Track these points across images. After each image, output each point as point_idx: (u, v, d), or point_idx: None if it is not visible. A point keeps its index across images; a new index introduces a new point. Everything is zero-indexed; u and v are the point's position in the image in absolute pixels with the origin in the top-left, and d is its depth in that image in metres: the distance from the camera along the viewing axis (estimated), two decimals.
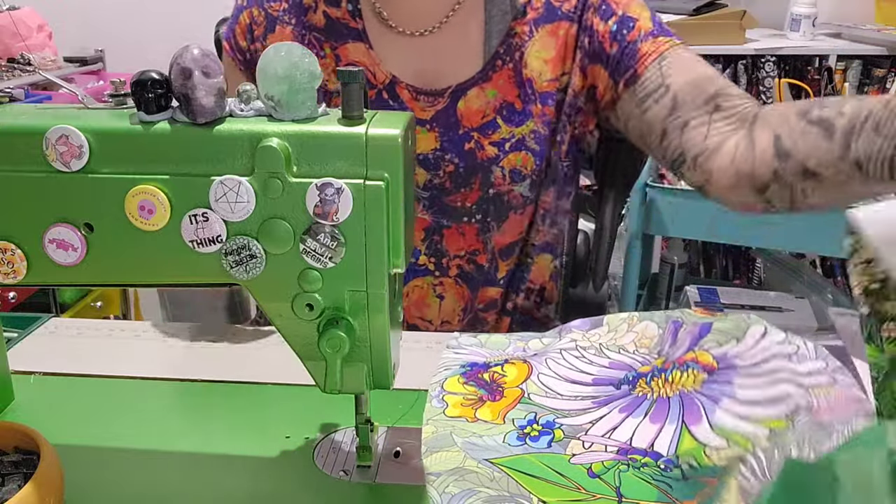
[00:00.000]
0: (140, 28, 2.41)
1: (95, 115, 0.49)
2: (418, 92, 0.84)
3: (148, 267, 0.50)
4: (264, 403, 0.67)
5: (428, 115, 0.84)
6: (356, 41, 0.84)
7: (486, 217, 0.86)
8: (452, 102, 0.83)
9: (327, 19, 0.85)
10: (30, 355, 0.74)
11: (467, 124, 0.83)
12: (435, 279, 0.87)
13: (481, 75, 0.83)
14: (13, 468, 0.52)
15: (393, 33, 0.84)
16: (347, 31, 0.85)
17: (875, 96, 0.60)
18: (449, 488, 0.51)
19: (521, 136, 0.83)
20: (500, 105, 0.83)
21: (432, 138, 0.84)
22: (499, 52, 0.83)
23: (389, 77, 0.84)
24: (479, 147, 0.83)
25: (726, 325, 0.67)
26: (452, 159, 0.83)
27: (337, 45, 0.85)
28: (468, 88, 0.83)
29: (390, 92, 0.84)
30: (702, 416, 0.59)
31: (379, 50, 0.84)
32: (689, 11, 1.98)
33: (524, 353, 0.72)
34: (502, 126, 0.83)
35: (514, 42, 0.83)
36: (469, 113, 0.83)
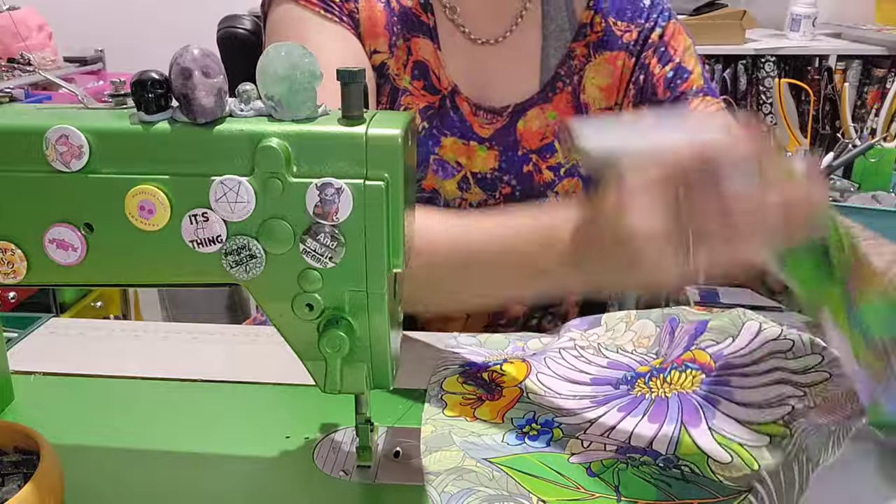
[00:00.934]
0: (140, 28, 2.41)
1: (95, 115, 0.49)
2: (478, 108, 0.81)
3: (148, 267, 0.50)
4: (264, 403, 0.67)
5: (487, 133, 0.81)
6: (426, 38, 0.80)
7: None
8: (512, 122, 0.81)
9: (400, 7, 0.80)
10: (30, 355, 0.74)
11: (527, 145, 0.81)
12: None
13: (541, 96, 0.81)
14: (13, 468, 0.52)
15: (459, 36, 0.81)
16: (419, 24, 0.80)
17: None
18: (448, 488, 0.52)
19: (575, 160, 0.81)
20: (560, 128, 0.81)
21: (491, 157, 0.81)
22: (559, 74, 0.81)
23: (452, 85, 0.80)
24: (538, 170, 0.81)
25: (722, 321, 0.67)
26: (510, 181, 0.81)
27: (410, 36, 0.79)
28: (528, 108, 0.81)
29: (451, 101, 0.81)
30: (701, 419, 0.59)
31: (445, 53, 0.80)
32: (689, 11, 1.98)
33: (523, 352, 0.72)
34: (559, 150, 0.81)
35: (573, 64, 0.81)
36: (529, 134, 0.81)
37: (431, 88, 0.80)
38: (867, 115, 2.00)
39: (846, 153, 1.45)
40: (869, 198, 1.38)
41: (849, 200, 1.39)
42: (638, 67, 0.83)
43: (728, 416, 0.58)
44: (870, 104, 2.01)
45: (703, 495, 0.52)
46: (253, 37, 1.20)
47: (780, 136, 1.33)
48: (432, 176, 0.79)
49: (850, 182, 1.46)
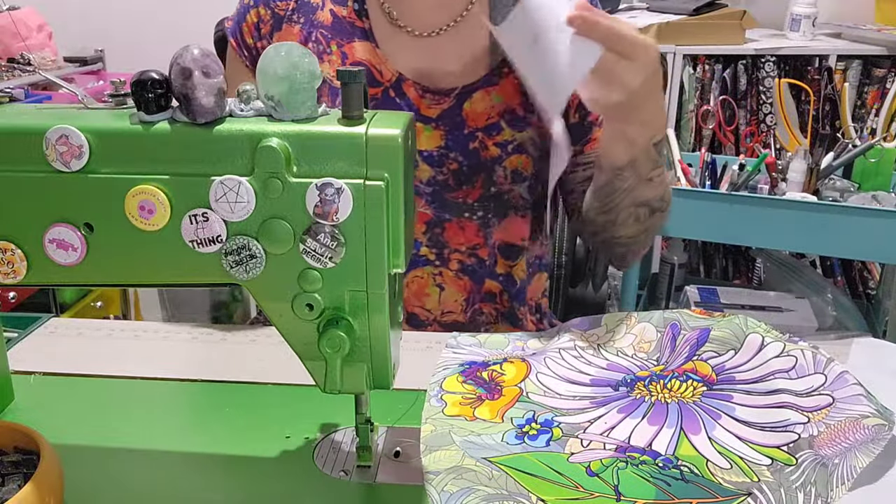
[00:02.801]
0: (140, 28, 2.41)
1: (95, 115, 0.49)
2: (425, 90, 0.85)
3: (148, 267, 0.50)
4: (264, 403, 0.67)
5: (434, 114, 0.85)
6: (362, 40, 0.86)
7: (487, 213, 0.87)
8: (458, 103, 0.85)
9: (334, 17, 0.86)
10: (30, 355, 0.74)
11: (472, 124, 0.85)
12: (435, 269, 0.88)
13: (487, 79, 0.85)
14: (13, 468, 0.52)
15: (401, 33, 0.86)
16: (353, 29, 0.86)
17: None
18: (448, 487, 0.52)
19: (523, 140, 0.85)
20: (505, 109, 0.85)
21: (437, 136, 0.85)
22: (507, 61, 0.84)
23: (396, 75, 0.85)
24: (483, 147, 0.84)
25: (724, 332, 0.67)
26: (457, 157, 0.85)
27: (343, 42, 0.86)
28: (474, 91, 0.85)
29: (397, 90, 0.85)
30: (701, 428, 0.59)
31: (385, 49, 0.85)
32: (689, 11, 1.98)
33: (523, 352, 0.72)
34: (506, 129, 0.85)
35: None
36: (474, 114, 0.85)
37: (372, 82, 0.85)
38: (867, 115, 2.00)
39: (846, 153, 1.45)
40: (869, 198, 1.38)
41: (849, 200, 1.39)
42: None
43: (729, 431, 0.59)
44: (870, 104, 2.01)
45: (702, 495, 0.52)
46: None
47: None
48: None
49: (850, 182, 1.46)
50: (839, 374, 0.60)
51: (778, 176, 1.44)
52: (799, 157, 1.43)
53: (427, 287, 0.88)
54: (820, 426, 0.57)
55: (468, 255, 0.88)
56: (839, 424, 0.56)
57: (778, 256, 1.76)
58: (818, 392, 0.60)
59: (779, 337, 0.65)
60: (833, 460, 0.53)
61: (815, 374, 0.61)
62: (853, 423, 0.56)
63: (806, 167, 1.41)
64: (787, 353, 0.63)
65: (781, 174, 1.45)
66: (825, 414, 0.58)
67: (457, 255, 0.88)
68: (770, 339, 0.64)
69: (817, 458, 0.54)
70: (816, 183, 1.42)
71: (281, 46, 0.47)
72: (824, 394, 0.59)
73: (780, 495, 0.52)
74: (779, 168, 1.44)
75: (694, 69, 1.99)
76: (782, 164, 1.46)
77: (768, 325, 0.66)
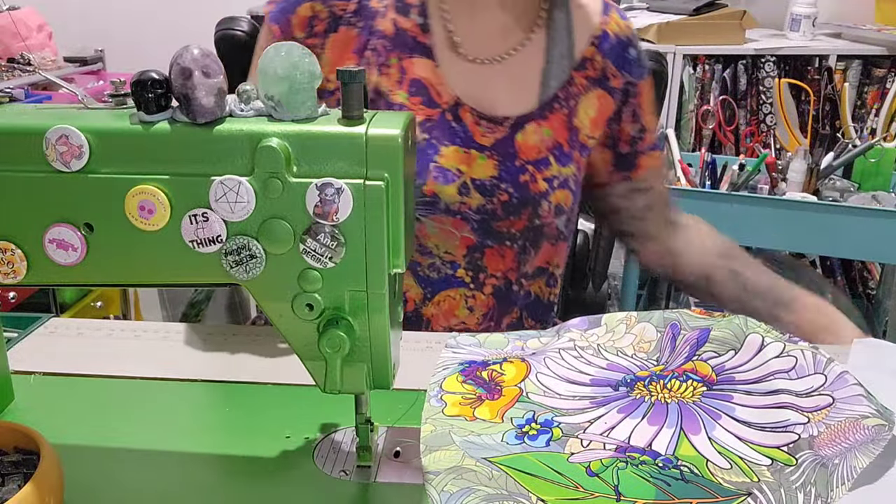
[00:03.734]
0: (140, 28, 2.41)
1: (95, 115, 0.49)
2: (480, 117, 0.85)
3: (148, 267, 0.50)
4: (264, 403, 0.67)
5: (488, 142, 0.85)
6: (423, 57, 0.85)
7: (526, 243, 0.88)
8: (511, 134, 0.85)
9: (396, 28, 0.85)
10: (30, 355, 0.74)
11: (524, 157, 0.85)
12: (469, 291, 0.88)
13: (539, 113, 0.86)
14: (13, 468, 0.52)
15: (459, 57, 0.86)
16: (415, 44, 0.85)
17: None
18: (448, 487, 0.52)
19: (566, 176, 0.87)
20: (553, 145, 0.86)
21: (491, 166, 0.85)
22: (558, 96, 0.86)
23: (454, 99, 0.85)
24: (533, 180, 0.85)
25: (724, 332, 0.67)
26: (507, 188, 0.85)
27: (404, 56, 0.85)
28: (526, 122, 0.86)
29: (454, 114, 0.85)
30: (701, 428, 0.59)
31: (444, 70, 0.85)
32: (689, 11, 1.98)
33: (522, 352, 0.72)
34: (553, 164, 0.86)
35: (571, 90, 0.87)
36: (526, 147, 0.85)
37: (430, 103, 0.84)
38: (867, 115, 2.00)
39: (846, 153, 1.45)
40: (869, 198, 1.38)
41: (849, 200, 1.39)
42: (616, 117, 0.92)
43: (728, 431, 0.59)
44: (870, 104, 2.01)
45: (702, 495, 0.52)
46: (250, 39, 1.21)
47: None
48: (433, 182, 0.83)
49: (850, 182, 1.46)
50: (839, 375, 0.60)
51: (778, 176, 1.44)
52: (799, 157, 1.43)
53: (457, 308, 0.88)
54: (820, 426, 0.57)
55: (502, 280, 0.89)
56: (839, 425, 0.56)
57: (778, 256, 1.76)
58: (818, 392, 0.60)
59: (779, 337, 0.65)
60: (833, 460, 0.53)
61: (815, 375, 0.61)
62: (853, 424, 0.56)
63: (806, 167, 1.41)
64: (787, 353, 0.63)
65: (781, 174, 1.45)
66: (825, 414, 0.58)
67: (492, 280, 0.88)
68: (770, 340, 0.64)
69: (817, 459, 0.54)
70: (816, 183, 1.42)
71: (281, 46, 0.47)
72: (824, 394, 0.59)
73: (780, 495, 0.52)
74: (779, 168, 1.44)
75: (694, 69, 1.99)
76: (782, 164, 1.46)
77: (768, 326, 0.66)
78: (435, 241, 0.85)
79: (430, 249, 0.86)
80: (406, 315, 0.89)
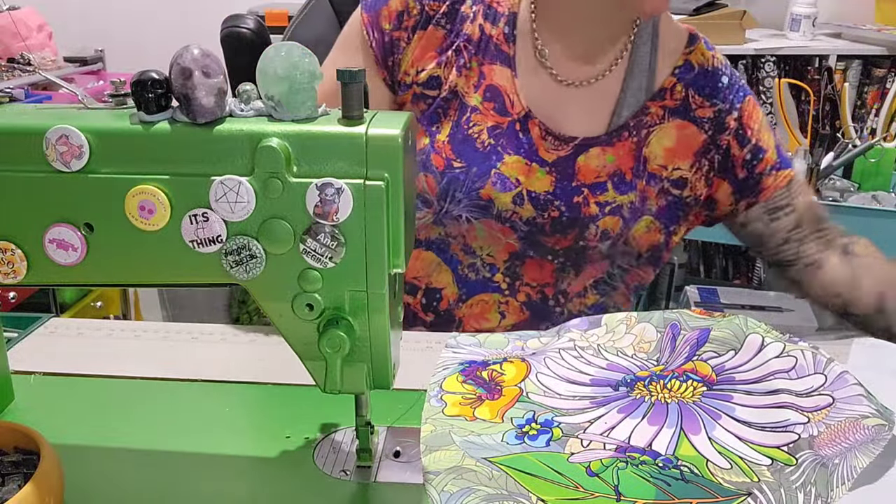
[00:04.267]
0: (140, 28, 2.41)
1: (95, 115, 0.49)
2: (547, 132, 0.86)
3: (148, 267, 0.50)
4: (264, 403, 0.67)
5: (550, 158, 0.86)
6: (504, 65, 0.86)
7: (566, 262, 0.88)
8: (574, 154, 0.86)
9: (482, 34, 0.86)
10: (30, 355, 0.74)
11: (582, 178, 0.86)
12: (503, 297, 0.88)
13: (606, 139, 0.86)
14: (13, 468, 0.52)
15: (542, 72, 0.86)
16: (498, 52, 0.86)
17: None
18: (448, 487, 0.52)
19: (622, 203, 0.86)
20: (614, 171, 0.86)
21: (548, 182, 0.86)
22: (628, 125, 0.86)
23: (525, 110, 0.85)
24: (586, 203, 0.85)
25: (724, 332, 0.67)
26: (560, 206, 0.85)
27: (485, 62, 0.86)
28: (591, 146, 0.86)
29: (522, 125, 0.86)
30: (701, 429, 0.59)
31: (522, 81, 0.86)
32: (689, 11, 1.98)
33: (522, 352, 0.72)
34: (610, 190, 0.86)
35: (644, 120, 0.86)
36: (587, 169, 0.86)
37: (503, 111, 0.86)
38: (867, 115, 2.00)
39: (846, 153, 1.45)
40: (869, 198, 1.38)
41: (849, 200, 1.39)
42: (714, 146, 0.88)
43: (729, 431, 0.59)
44: (870, 104, 2.01)
45: (702, 495, 0.52)
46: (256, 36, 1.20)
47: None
48: (490, 187, 0.85)
49: (850, 182, 1.46)
50: (839, 375, 0.60)
51: None
52: (799, 157, 1.43)
53: (489, 312, 0.89)
54: (820, 426, 0.57)
55: (537, 292, 0.89)
56: (839, 425, 0.56)
57: None
58: (818, 392, 0.60)
59: (779, 337, 0.65)
60: (833, 460, 0.53)
61: (815, 375, 0.61)
62: (853, 424, 0.56)
63: (806, 167, 1.41)
64: (787, 353, 0.63)
65: None
66: (825, 414, 0.58)
67: (526, 289, 0.88)
68: (770, 340, 0.64)
69: (817, 459, 0.54)
70: (816, 183, 1.43)
71: (281, 46, 0.47)
72: (824, 394, 0.59)
73: (780, 495, 0.52)
74: None
75: None
76: None
77: (768, 326, 0.66)
78: (480, 244, 0.87)
79: (474, 250, 0.87)
80: (439, 312, 0.89)
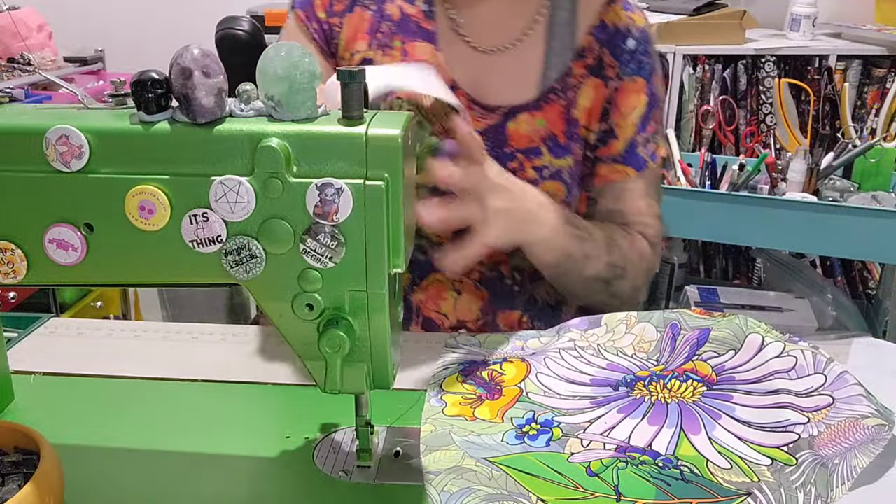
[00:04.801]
0: (140, 28, 2.41)
1: (95, 115, 0.49)
2: (474, 102, 0.85)
3: (148, 267, 0.50)
4: (264, 403, 0.67)
5: (479, 128, 0.85)
6: (426, 41, 0.86)
7: None
8: (503, 121, 0.85)
9: (402, 14, 0.87)
10: (30, 355, 0.74)
11: (514, 145, 0.85)
12: (455, 275, 0.88)
13: (535, 103, 0.85)
14: (13, 468, 0.52)
15: (461, 43, 0.86)
16: (419, 29, 0.86)
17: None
18: (448, 487, 0.52)
19: (560, 168, 0.86)
20: (547, 135, 0.85)
21: None
22: (555, 88, 0.86)
23: (451, 82, 0.85)
24: (521, 168, 0.85)
25: (724, 332, 0.66)
26: None
27: (407, 40, 0.86)
28: (520, 112, 0.85)
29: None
30: (701, 429, 0.59)
31: (445, 55, 0.86)
32: (689, 11, 1.98)
33: (522, 352, 0.72)
34: (545, 154, 0.85)
35: (570, 81, 0.86)
36: (517, 135, 0.85)
37: None
38: (867, 115, 2.00)
39: (846, 153, 1.45)
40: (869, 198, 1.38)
41: (849, 200, 1.39)
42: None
43: (729, 431, 0.59)
44: (870, 104, 2.01)
45: (702, 495, 0.52)
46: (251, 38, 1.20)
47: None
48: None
49: (850, 182, 1.46)
50: (839, 375, 0.60)
51: (778, 176, 1.44)
52: (799, 157, 1.43)
53: (445, 291, 0.88)
54: (820, 426, 0.57)
55: (491, 270, 0.88)
56: (839, 425, 0.56)
57: (778, 256, 1.76)
58: (818, 392, 0.60)
59: (779, 337, 0.65)
60: (833, 460, 0.53)
61: (815, 375, 0.61)
62: (853, 424, 0.56)
63: (806, 167, 1.41)
64: (787, 353, 0.63)
65: (781, 174, 1.45)
66: (825, 414, 0.58)
67: (479, 267, 0.88)
68: (770, 340, 0.64)
69: (817, 459, 0.54)
70: (816, 183, 1.42)
71: (281, 46, 0.47)
72: (824, 394, 0.59)
73: (780, 495, 0.52)
74: (779, 168, 1.44)
75: (694, 69, 1.99)
76: (782, 164, 1.46)
77: (768, 326, 0.66)
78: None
79: (418, 230, 0.86)
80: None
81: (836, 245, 1.36)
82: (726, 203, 1.37)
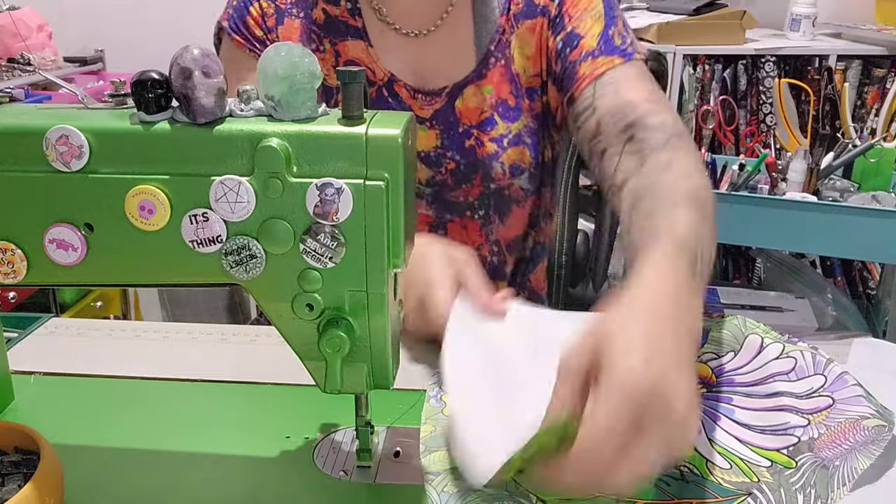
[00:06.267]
0: (140, 28, 2.41)
1: (95, 115, 0.49)
2: (416, 91, 0.85)
3: (148, 267, 0.50)
4: (264, 403, 0.67)
5: (427, 114, 0.85)
6: (356, 39, 0.86)
7: (488, 211, 0.87)
8: (450, 101, 0.85)
9: (326, 16, 0.87)
10: (30, 355, 0.74)
11: (467, 122, 0.85)
12: None
13: (476, 74, 0.85)
14: (13, 468, 0.52)
15: (391, 32, 0.86)
16: (347, 28, 0.86)
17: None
18: (448, 487, 0.51)
19: (518, 131, 0.85)
20: (496, 102, 0.85)
21: (433, 136, 0.85)
22: (491, 51, 0.84)
23: (388, 75, 0.85)
24: (479, 144, 0.85)
25: (723, 333, 0.66)
26: (454, 157, 0.85)
27: (337, 41, 0.86)
28: (464, 87, 0.85)
29: (389, 90, 0.85)
30: (700, 430, 0.59)
31: (378, 48, 0.86)
32: (689, 11, 1.98)
33: None
34: (500, 122, 0.85)
35: (502, 39, 0.84)
36: (467, 111, 0.85)
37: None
38: (867, 115, 2.00)
39: (846, 153, 1.45)
40: (869, 198, 1.38)
41: (849, 200, 1.39)
42: (543, 42, 0.84)
43: (728, 433, 0.58)
44: (870, 104, 2.01)
45: (702, 495, 0.52)
46: None
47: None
48: None
49: (850, 182, 1.46)
50: (839, 375, 0.60)
51: (778, 176, 1.44)
52: (799, 157, 1.43)
53: None
54: (820, 428, 0.57)
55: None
56: (839, 426, 0.56)
57: (778, 256, 1.76)
58: (818, 393, 0.60)
59: (778, 338, 0.65)
60: (833, 462, 0.53)
61: (814, 376, 0.61)
62: (853, 425, 0.56)
63: (806, 167, 1.41)
64: (787, 354, 0.63)
65: (781, 174, 1.45)
66: (825, 415, 0.58)
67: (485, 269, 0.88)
68: (769, 340, 0.64)
69: (817, 461, 0.54)
70: (816, 183, 1.42)
71: (281, 46, 0.47)
72: (824, 395, 0.59)
73: (780, 495, 0.52)
74: (779, 168, 1.44)
75: (694, 69, 1.99)
76: (782, 164, 1.46)
77: (767, 326, 0.66)
78: None
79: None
80: None
81: (836, 245, 1.36)
82: (726, 203, 1.37)
